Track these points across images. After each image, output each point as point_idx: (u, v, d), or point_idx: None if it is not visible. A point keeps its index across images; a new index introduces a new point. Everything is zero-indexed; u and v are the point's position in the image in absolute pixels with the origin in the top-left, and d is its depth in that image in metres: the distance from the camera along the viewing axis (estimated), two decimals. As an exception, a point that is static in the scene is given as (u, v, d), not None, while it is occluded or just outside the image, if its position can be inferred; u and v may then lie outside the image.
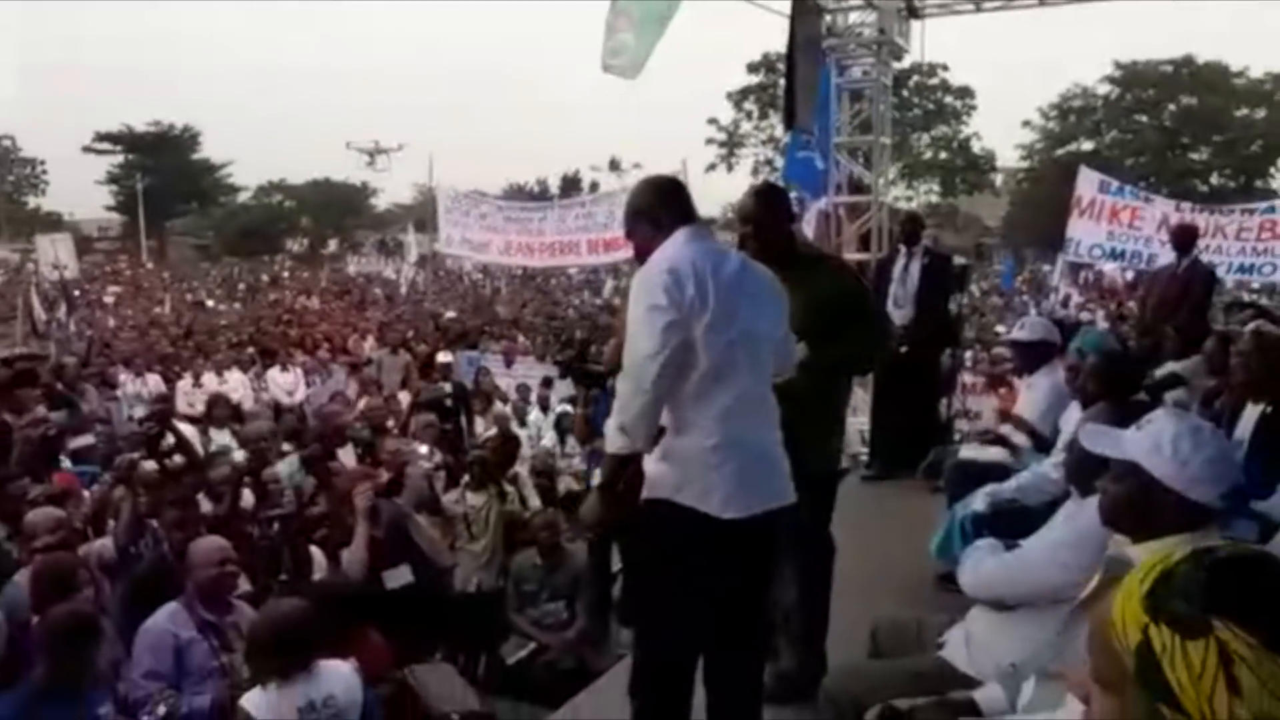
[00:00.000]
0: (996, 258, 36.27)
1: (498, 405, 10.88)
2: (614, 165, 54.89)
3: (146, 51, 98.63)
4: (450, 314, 18.71)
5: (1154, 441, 1.99)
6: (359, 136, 46.29)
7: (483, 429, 9.72)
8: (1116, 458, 2.03)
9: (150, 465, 5.26)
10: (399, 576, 5.29)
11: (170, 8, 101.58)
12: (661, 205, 2.91)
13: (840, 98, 9.40)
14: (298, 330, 15.77)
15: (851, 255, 9.33)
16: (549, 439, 9.96)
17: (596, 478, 3.61)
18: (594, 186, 59.41)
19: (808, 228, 9.32)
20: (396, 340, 14.31)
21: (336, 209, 61.84)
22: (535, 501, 6.94)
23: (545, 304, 22.90)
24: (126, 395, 11.29)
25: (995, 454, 4.93)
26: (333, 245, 58.68)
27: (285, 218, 63.40)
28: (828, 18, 8.98)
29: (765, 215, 3.60)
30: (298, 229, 63.47)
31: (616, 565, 6.43)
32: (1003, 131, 65.89)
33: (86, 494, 5.54)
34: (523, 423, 10.47)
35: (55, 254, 21.83)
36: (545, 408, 11.02)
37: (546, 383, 11.47)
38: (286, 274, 37.09)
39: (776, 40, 8.56)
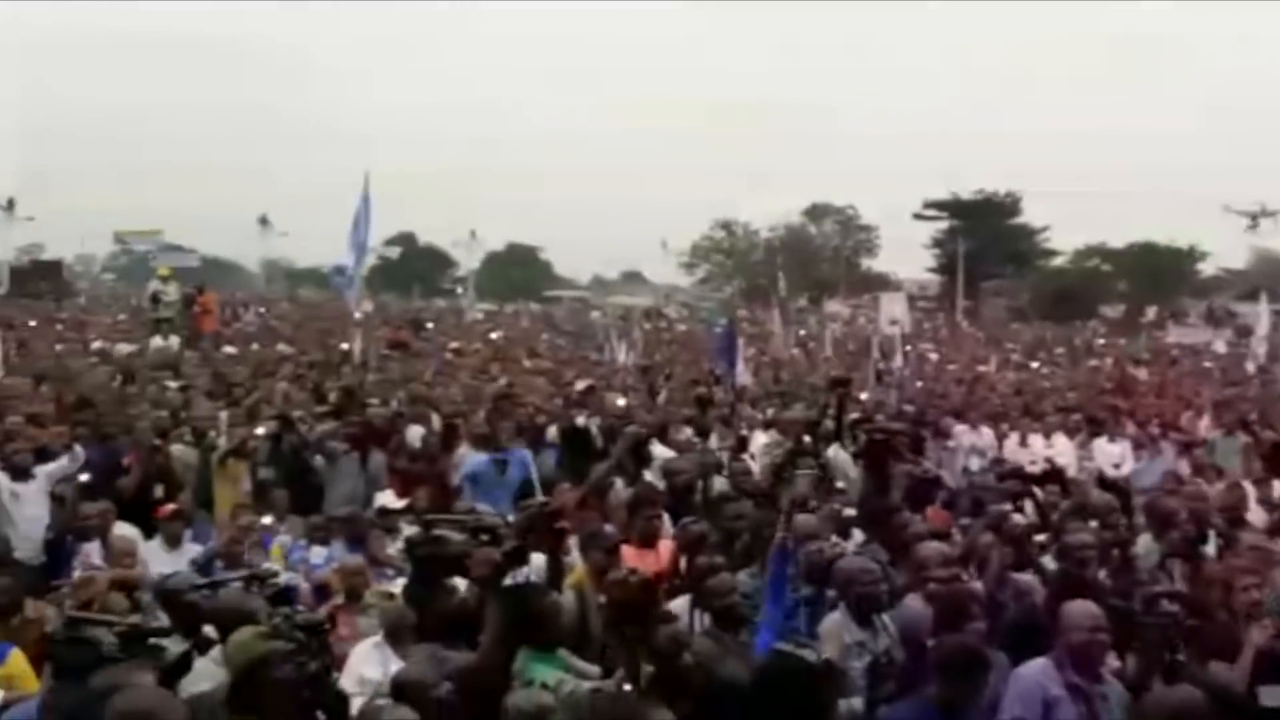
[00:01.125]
0: None
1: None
2: None
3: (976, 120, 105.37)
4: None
5: None
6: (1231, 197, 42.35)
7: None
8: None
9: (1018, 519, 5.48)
10: (1274, 696, 4.66)
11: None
12: None
13: None
14: (1126, 401, 15.09)
15: None
16: None
17: None
18: None
19: None
20: (1234, 422, 12.83)
21: (1158, 274, 58.08)
22: None
23: None
24: (961, 446, 11.96)
25: None
26: (1151, 312, 55.12)
27: (1102, 282, 61.68)
28: None
29: None
30: (1114, 294, 61.15)
31: None
32: None
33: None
34: None
35: (892, 310, 24.62)
36: None
37: None
38: (1101, 340, 35.86)
39: None
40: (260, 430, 8.66)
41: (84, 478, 7.33)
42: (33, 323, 22.58)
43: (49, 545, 7.11)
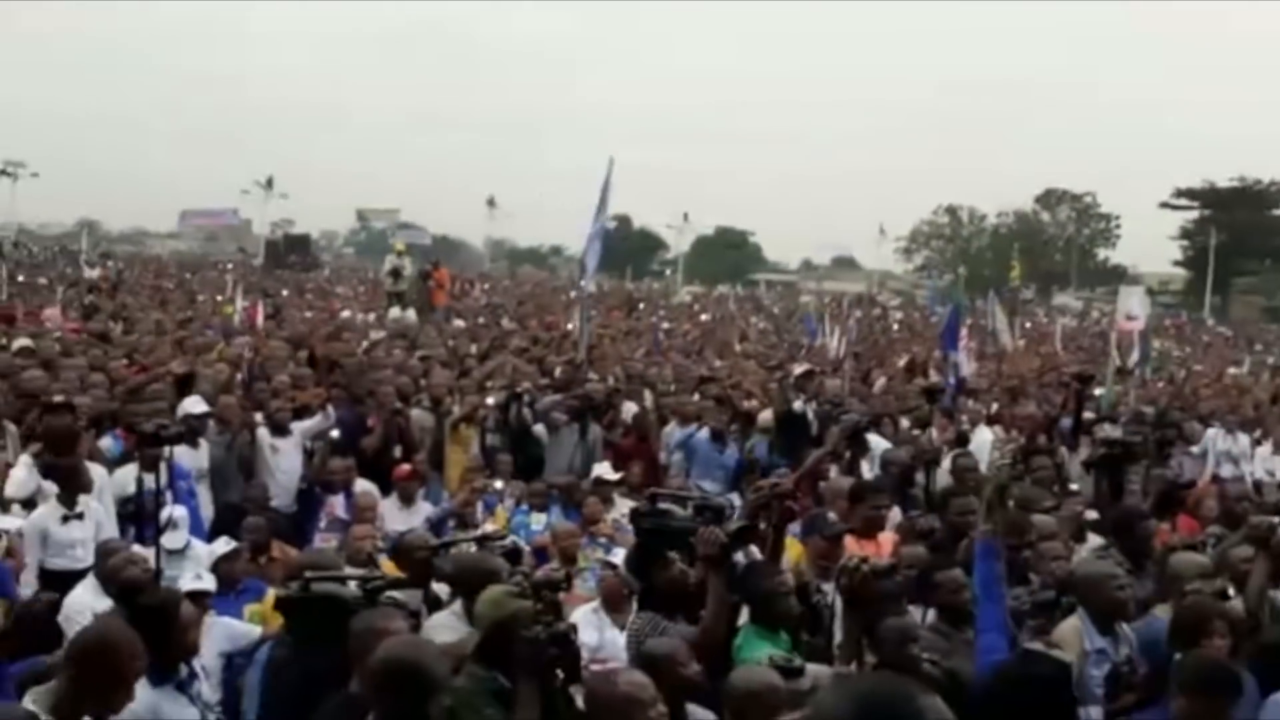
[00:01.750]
0: None
1: None
2: None
3: None
4: None
5: None
6: None
7: None
8: None
9: None
10: None
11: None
12: None
13: None
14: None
15: None
16: None
17: None
18: None
19: None
20: None
21: None
22: None
23: None
24: (1215, 450, 11.31)
25: None
26: None
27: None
28: None
29: None
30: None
31: None
32: None
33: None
34: None
35: (1129, 305, 22.86)
36: None
37: None
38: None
39: None
40: (490, 400, 9.09)
41: (334, 435, 7.92)
42: (285, 292, 24.75)
43: (300, 495, 7.79)
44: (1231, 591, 4.57)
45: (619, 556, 5.34)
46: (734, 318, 28.87)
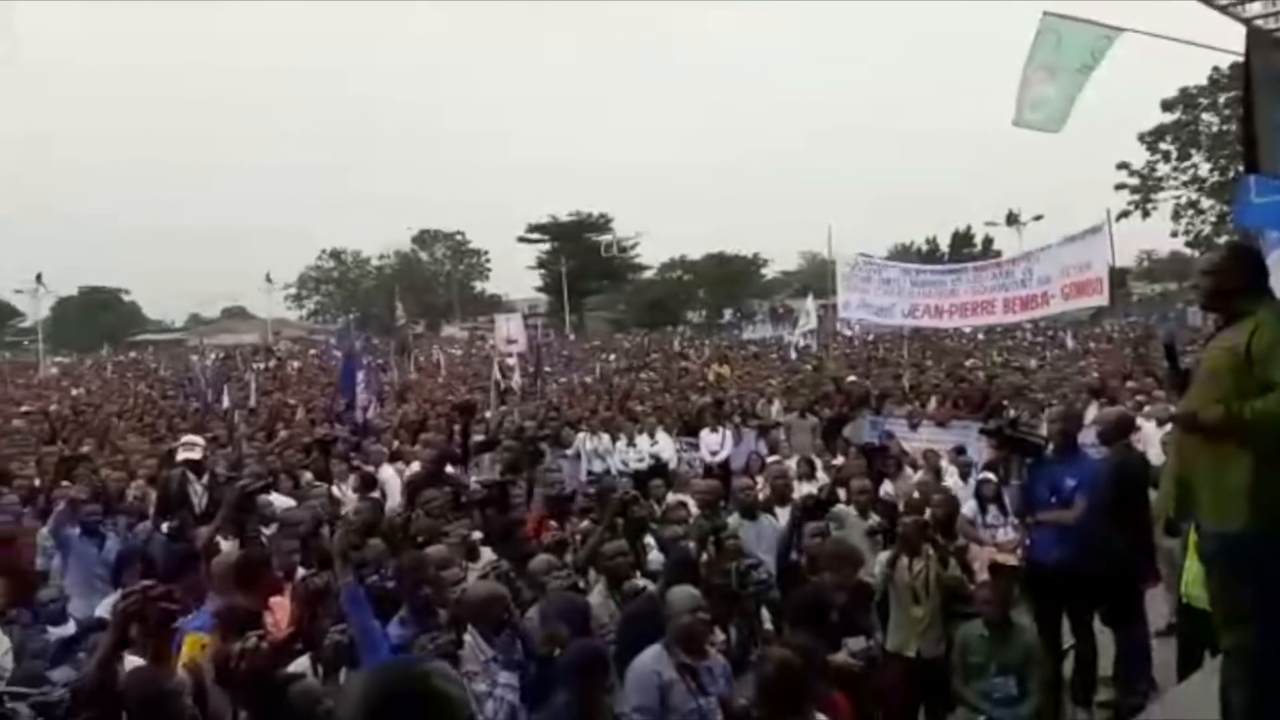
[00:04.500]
0: None
1: (907, 470, 10.80)
2: (1012, 219, 52.35)
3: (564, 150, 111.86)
4: (851, 377, 18.87)
5: None
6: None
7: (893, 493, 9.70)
8: None
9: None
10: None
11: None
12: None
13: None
14: (710, 396, 16.91)
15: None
16: (969, 508, 9.68)
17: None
18: (988, 243, 57.05)
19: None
20: (803, 404, 14.75)
21: (731, 280, 65.11)
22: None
23: (951, 366, 22.33)
24: (585, 452, 12.79)
25: None
26: (727, 314, 61.63)
27: (685, 290, 67.86)
28: (1289, 48, 8.06)
29: (1226, 270, 3.99)
30: (696, 300, 67.57)
31: (1067, 641, 6.17)
32: None
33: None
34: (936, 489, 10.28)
35: (508, 330, 25.24)
36: (965, 475, 10.72)
37: (960, 450, 11.16)
38: (683, 343, 39.55)
39: (1193, 74, 7.84)
40: None
41: None
42: None
43: None
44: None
45: None
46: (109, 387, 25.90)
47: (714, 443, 13.53)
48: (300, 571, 5.73)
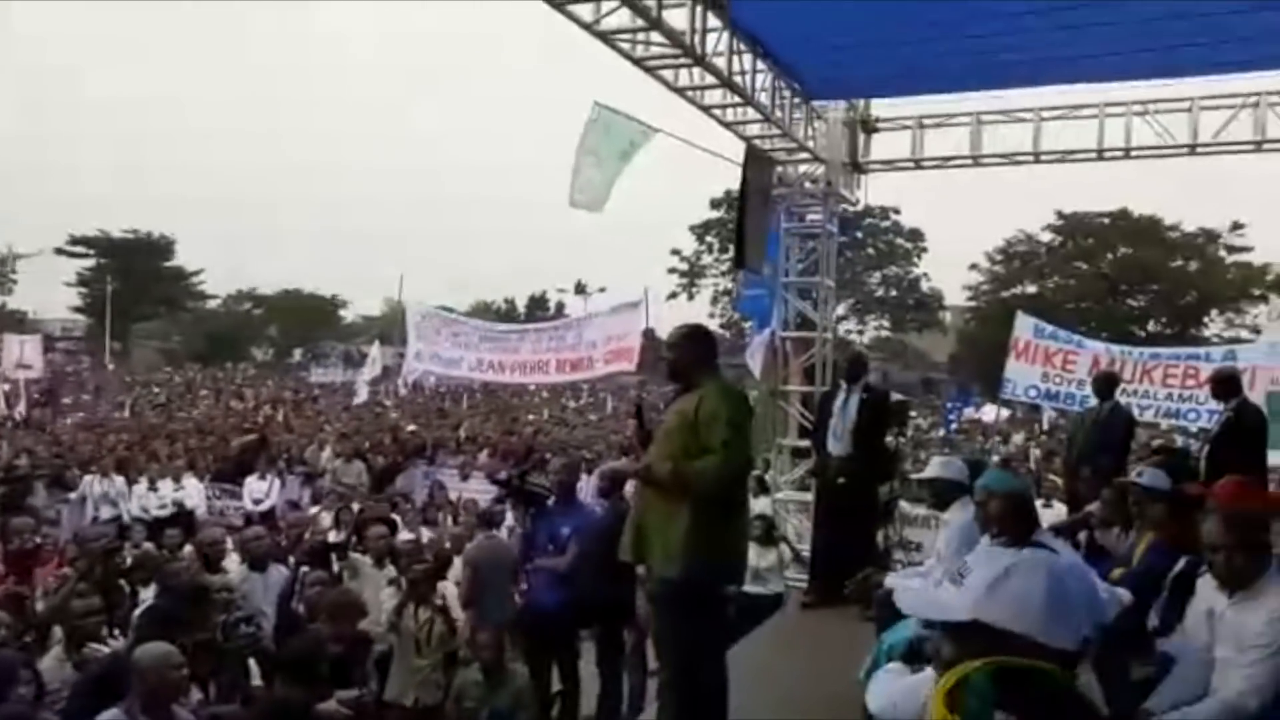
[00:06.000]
0: (944, 394, 36.93)
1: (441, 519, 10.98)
2: (580, 289, 56.05)
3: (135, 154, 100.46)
4: (411, 427, 18.88)
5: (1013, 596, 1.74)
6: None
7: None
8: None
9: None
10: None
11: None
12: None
13: (790, 242, 9.95)
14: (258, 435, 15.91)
15: (796, 388, 9.76)
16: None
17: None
18: (560, 307, 60.49)
19: (753, 361, 9.77)
20: (351, 451, 14.45)
21: (305, 319, 62.30)
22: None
23: (505, 420, 23.16)
24: (93, 495, 11.50)
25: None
26: (298, 354, 58.89)
27: (253, 325, 63.70)
28: (779, 169, 9.58)
29: (683, 347, 4.62)
30: (264, 337, 63.69)
31: (556, 686, 6.58)
32: (951, 273, 67.07)
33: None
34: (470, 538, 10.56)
35: (21, 353, 21.90)
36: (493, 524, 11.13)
37: (500, 499, 11.61)
38: (242, 381, 37.07)
39: (736, 181, 9.16)
40: None
41: None
42: None
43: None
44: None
45: None
46: None
47: (259, 490, 12.74)
48: None
